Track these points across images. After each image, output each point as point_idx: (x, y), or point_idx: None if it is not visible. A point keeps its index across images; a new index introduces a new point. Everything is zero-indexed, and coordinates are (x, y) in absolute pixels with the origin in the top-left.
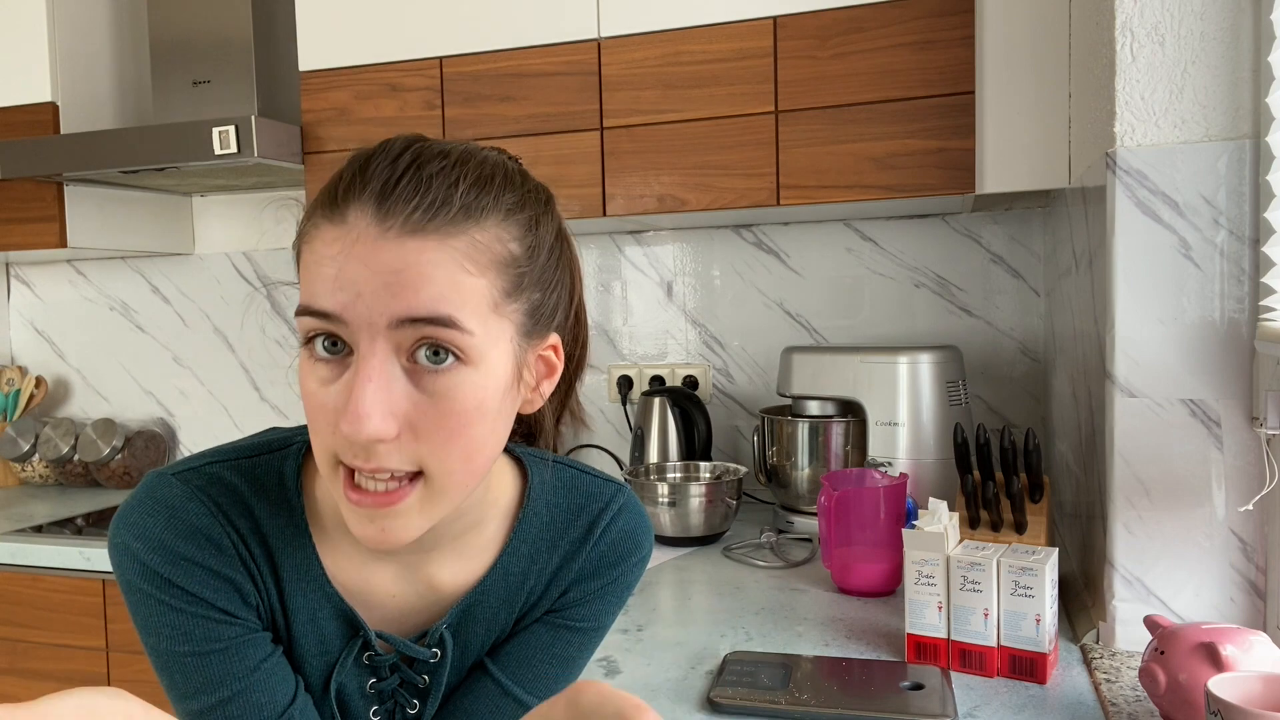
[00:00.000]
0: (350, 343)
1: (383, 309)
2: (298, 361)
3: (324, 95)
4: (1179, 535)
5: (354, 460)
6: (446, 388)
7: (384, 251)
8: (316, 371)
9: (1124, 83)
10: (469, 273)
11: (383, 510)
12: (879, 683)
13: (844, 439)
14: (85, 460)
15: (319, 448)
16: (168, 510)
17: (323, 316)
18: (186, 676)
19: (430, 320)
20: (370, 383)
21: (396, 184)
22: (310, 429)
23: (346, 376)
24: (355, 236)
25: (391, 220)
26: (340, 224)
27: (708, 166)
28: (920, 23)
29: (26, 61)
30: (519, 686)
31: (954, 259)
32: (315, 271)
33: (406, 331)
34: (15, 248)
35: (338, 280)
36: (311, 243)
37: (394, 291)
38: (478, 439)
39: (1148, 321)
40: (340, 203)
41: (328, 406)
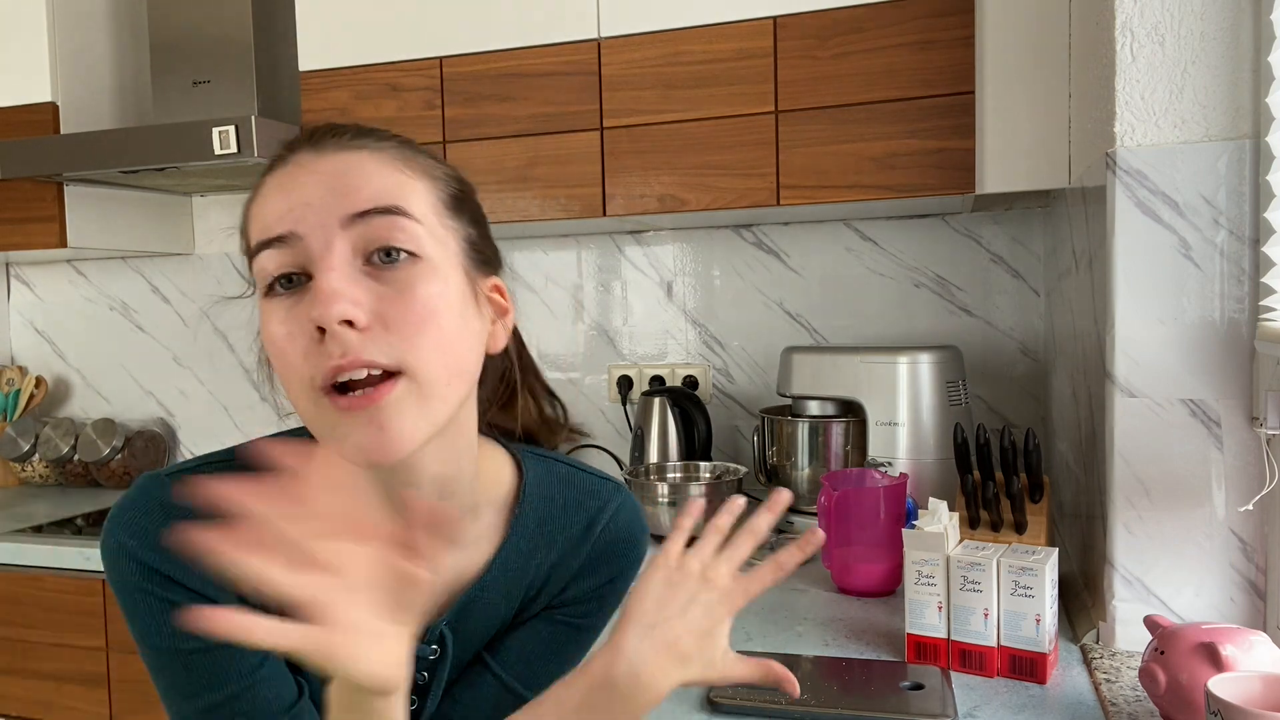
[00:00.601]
0: (306, 263)
1: (332, 209)
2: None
3: (324, 95)
4: (1179, 535)
5: (332, 362)
6: (406, 279)
7: (323, 162)
8: (278, 311)
9: (1124, 83)
10: (406, 174)
11: (377, 405)
12: (879, 683)
13: (844, 439)
14: (85, 460)
15: (296, 387)
16: (163, 508)
17: (277, 242)
18: (190, 674)
19: (379, 210)
20: (333, 271)
21: (332, 128)
22: (283, 374)
23: (308, 297)
24: (293, 167)
25: (326, 145)
26: (282, 167)
27: (708, 166)
28: (920, 23)
29: (26, 61)
30: (519, 682)
31: (954, 259)
32: (262, 207)
33: (359, 229)
34: (15, 248)
35: (286, 199)
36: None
37: (340, 192)
38: (448, 333)
39: (1148, 321)
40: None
41: (295, 335)
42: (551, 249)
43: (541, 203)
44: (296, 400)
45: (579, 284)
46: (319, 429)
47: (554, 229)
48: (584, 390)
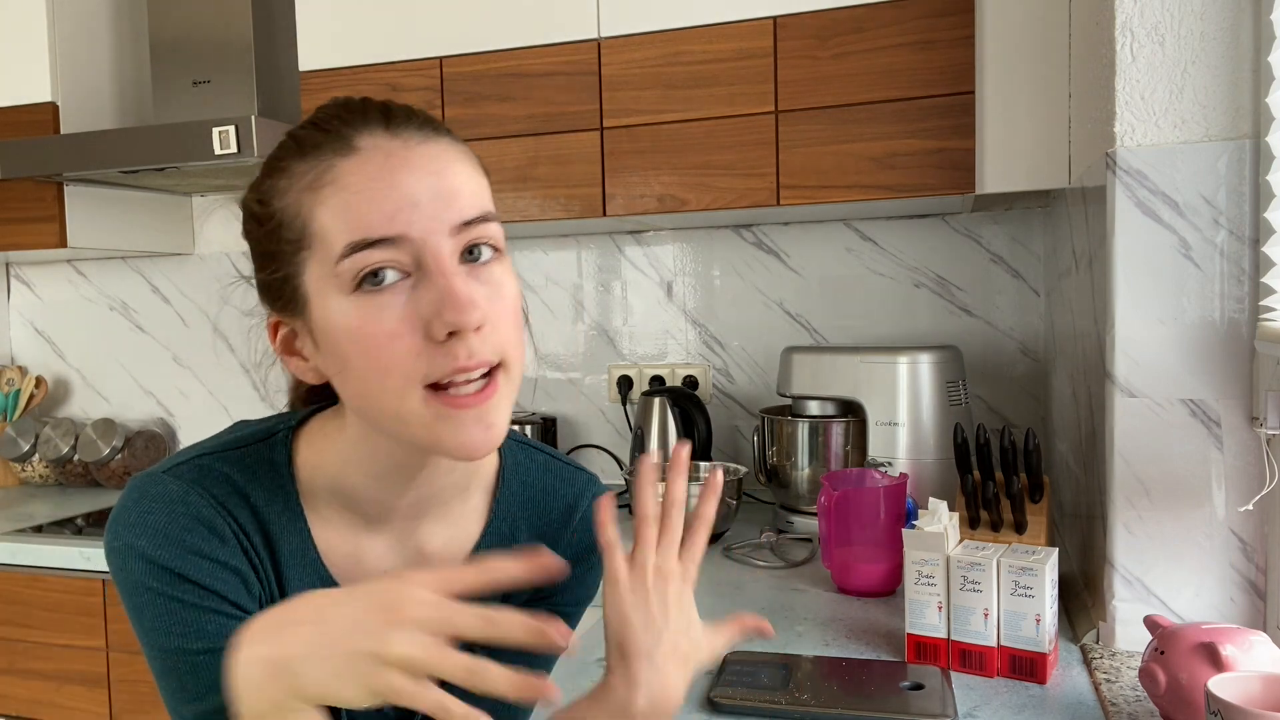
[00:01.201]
0: (410, 262)
1: (441, 215)
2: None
3: (324, 95)
4: (1179, 535)
5: (455, 363)
6: (498, 277)
7: (417, 158)
8: (369, 305)
9: (1124, 83)
10: (478, 171)
11: (486, 407)
12: (879, 683)
13: (844, 439)
14: (85, 460)
15: (394, 385)
16: (167, 504)
17: (384, 244)
18: (198, 676)
19: (480, 219)
20: (457, 276)
21: (386, 108)
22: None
23: (415, 296)
24: (382, 156)
25: (404, 134)
26: (356, 153)
27: (708, 166)
28: (920, 23)
29: (26, 61)
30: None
31: (954, 259)
32: (354, 202)
33: (460, 235)
34: (15, 248)
35: (390, 198)
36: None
37: (446, 198)
38: (522, 325)
39: (1148, 321)
40: (344, 136)
41: (401, 331)
42: (551, 249)
43: (541, 203)
44: (385, 397)
45: (579, 284)
46: (414, 429)
47: (554, 229)
48: (584, 390)
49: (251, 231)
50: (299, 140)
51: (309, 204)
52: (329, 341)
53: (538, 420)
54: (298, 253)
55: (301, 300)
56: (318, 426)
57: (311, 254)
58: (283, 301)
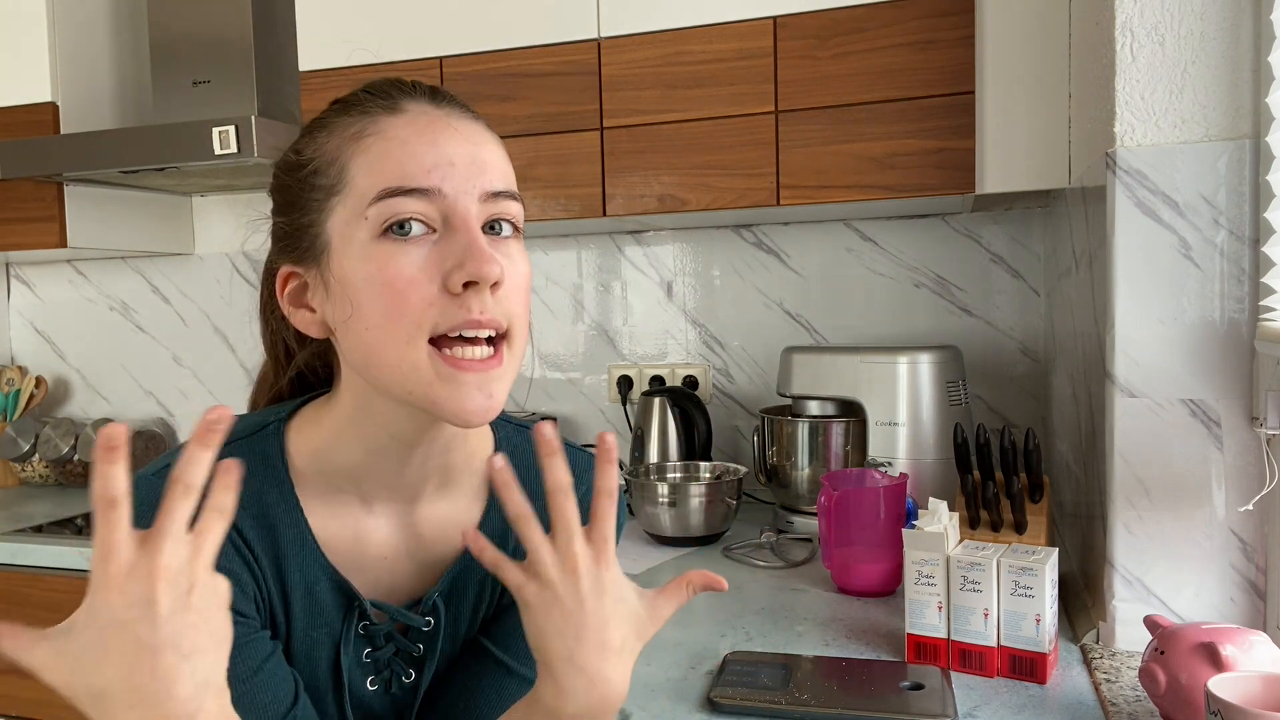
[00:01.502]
0: (438, 218)
1: (475, 179)
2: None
3: (324, 95)
4: (1179, 535)
5: (468, 315)
6: (514, 251)
7: (459, 126)
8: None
9: (1124, 83)
10: (508, 158)
11: (489, 374)
12: (879, 683)
13: (844, 439)
14: (85, 460)
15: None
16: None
17: (419, 193)
18: None
19: (506, 194)
20: (481, 235)
21: (433, 88)
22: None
23: (440, 248)
24: (427, 119)
25: (447, 108)
26: (403, 113)
27: (708, 166)
28: (920, 23)
29: (26, 61)
30: (512, 658)
31: (954, 259)
32: (397, 153)
33: (487, 205)
34: (15, 248)
35: (431, 153)
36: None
37: (480, 165)
38: (529, 309)
39: (1148, 321)
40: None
41: (419, 279)
42: (551, 249)
43: (541, 203)
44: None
45: (579, 284)
46: (417, 384)
47: (554, 229)
48: (584, 390)
49: (280, 181)
50: (345, 101)
51: (349, 151)
52: (343, 287)
53: (537, 419)
54: (328, 198)
55: (321, 246)
56: (309, 414)
57: (342, 199)
58: (301, 250)
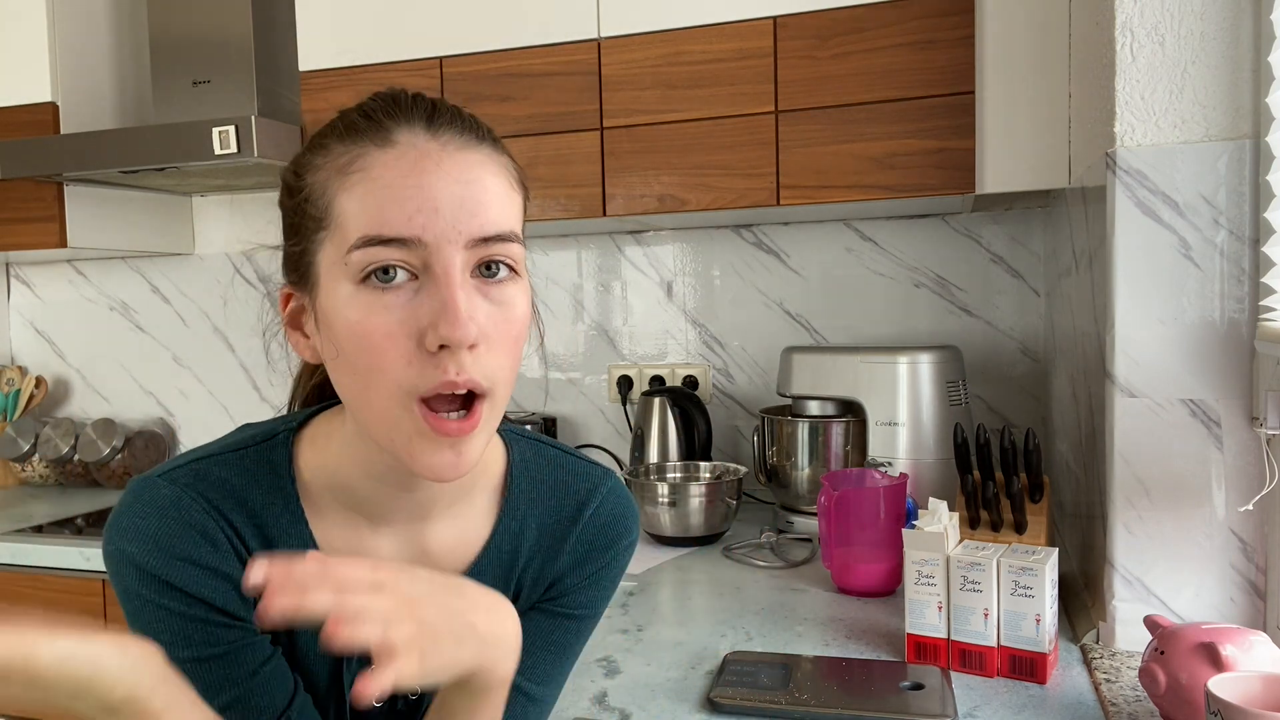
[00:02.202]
0: (420, 265)
1: (461, 226)
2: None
3: (324, 95)
4: (1179, 535)
5: (445, 377)
6: (508, 297)
7: (450, 164)
8: (377, 305)
9: (1124, 83)
10: (513, 189)
11: (464, 437)
12: (879, 683)
13: (844, 439)
14: (85, 460)
15: (385, 388)
16: (159, 510)
17: (397, 243)
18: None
19: (500, 238)
20: (462, 290)
21: (434, 109)
22: (368, 369)
23: (417, 301)
24: (416, 154)
25: (444, 137)
26: (392, 147)
27: (708, 166)
28: (920, 23)
29: (26, 61)
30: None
31: (954, 259)
32: (379, 196)
33: (478, 250)
34: (15, 248)
35: (414, 199)
36: (359, 171)
37: (469, 209)
38: (521, 349)
39: (1148, 321)
40: (385, 126)
41: (398, 335)
42: (551, 249)
43: (541, 203)
44: (375, 399)
45: (579, 284)
46: (393, 435)
47: (554, 229)
48: (584, 390)
49: (283, 201)
50: (344, 121)
51: (336, 186)
52: (329, 327)
53: (538, 420)
54: (318, 231)
55: (314, 278)
56: (320, 426)
57: (329, 236)
58: (298, 275)
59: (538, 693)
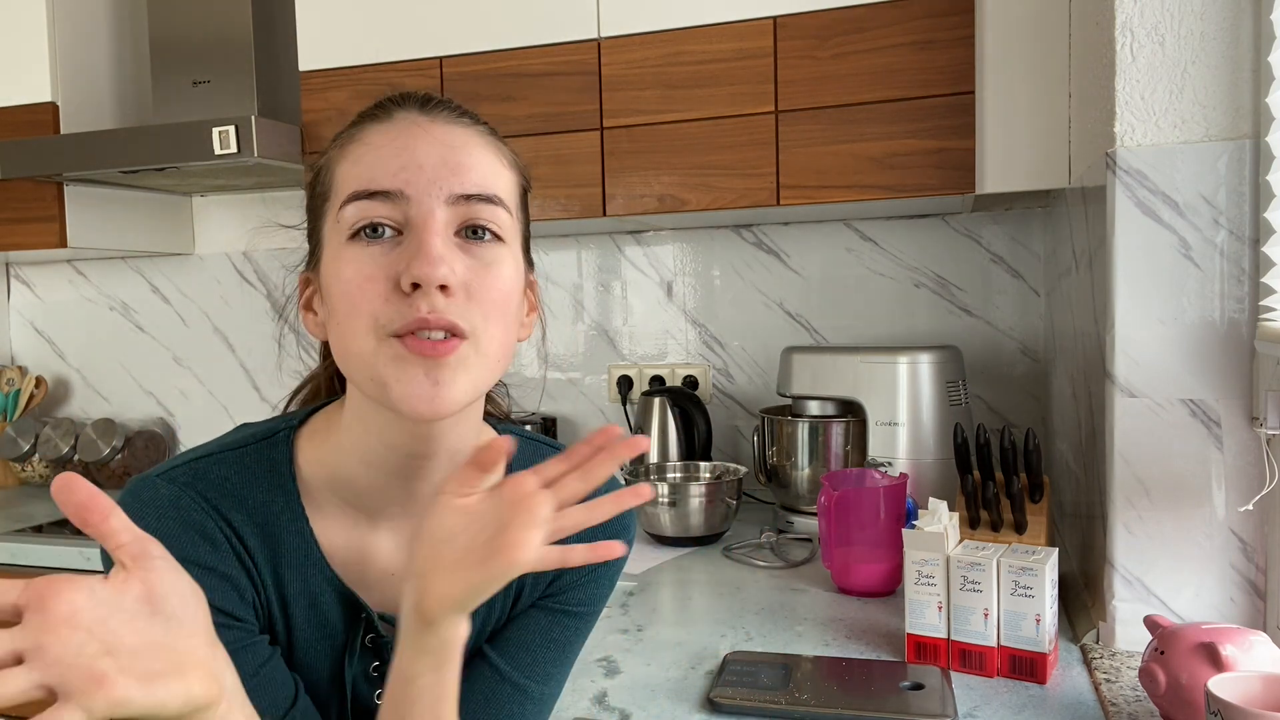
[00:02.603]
0: (404, 220)
1: (443, 183)
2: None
3: (324, 95)
4: (1179, 535)
5: (419, 314)
6: (491, 258)
7: (438, 130)
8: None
9: (1124, 83)
10: (503, 164)
11: (439, 361)
12: (879, 683)
13: (844, 439)
14: (85, 460)
15: (361, 327)
16: (157, 510)
17: (381, 195)
18: None
19: (482, 197)
20: (437, 236)
21: (431, 96)
22: (348, 313)
23: (399, 250)
24: (408, 124)
25: (437, 113)
26: (388, 121)
27: (708, 166)
28: (920, 23)
29: (26, 61)
30: (517, 671)
31: (954, 259)
32: (369, 157)
33: (460, 208)
34: (15, 248)
35: (399, 157)
36: (355, 144)
37: (451, 167)
38: (510, 313)
39: (1148, 321)
40: (385, 108)
41: (378, 278)
42: (551, 249)
43: (541, 203)
44: (353, 339)
45: (579, 284)
46: (373, 370)
47: (554, 229)
48: (584, 390)
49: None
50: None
51: (336, 158)
52: (326, 289)
53: (538, 420)
54: (323, 204)
55: (319, 252)
56: (319, 423)
57: (330, 204)
58: (312, 256)
59: (538, 690)
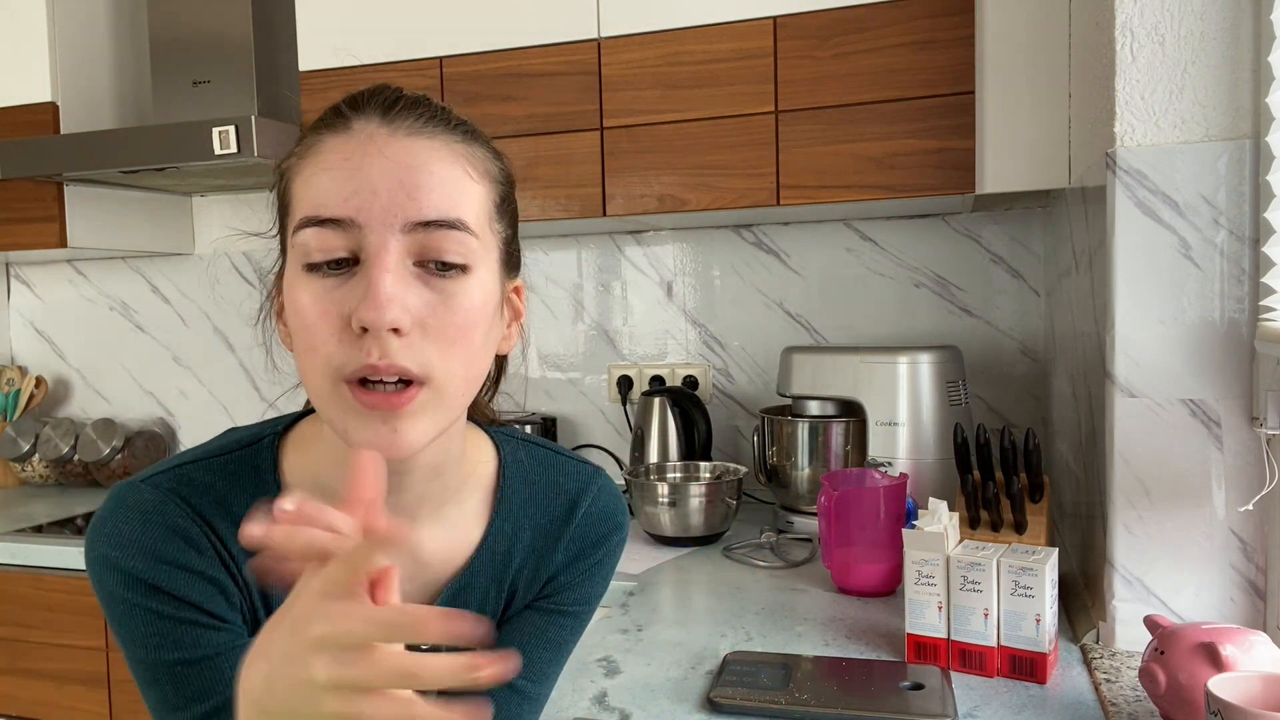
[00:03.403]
0: (358, 248)
1: (398, 210)
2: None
3: (324, 95)
4: (1179, 535)
5: (367, 360)
6: (454, 290)
7: (395, 148)
8: (314, 287)
9: (1124, 83)
10: (470, 177)
11: (395, 411)
12: (879, 683)
13: (844, 439)
14: (85, 460)
15: (317, 366)
16: (142, 515)
17: (333, 224)
18: (177, 686)
19: (442, 223)
20: (388, 273)
21: (398, 100)
22: (305, 349)
23: (351, 284)
24: (364, 138)
25: (399, 123)
26: (345, 132)
27: (708, 166)
28: (920, 23)
29: (26, 61)
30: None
31: (954, 259)
32: (321, 179)
33: (418, 235)
34: (15, 248)
35: (352, 181)
36: (312, 156)
37: (408, 191)
38: (475, 348)
39: (1148, 321)
40: (344, 115)
41: (331, 314)
42: (551, 249)
43: (541, 203)
44: (311, 377)
45: (579, 284)
46: (330, 412)
47: (554, 229)
48: (584, 390)
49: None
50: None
51: (293, 171)
52: (288, 312)
53: (538, 420)
54: (284, 217)
55: (284, 265)
56: (305, 428)
57: (289, 219)
58: (280, 265)
59: (534, 690)
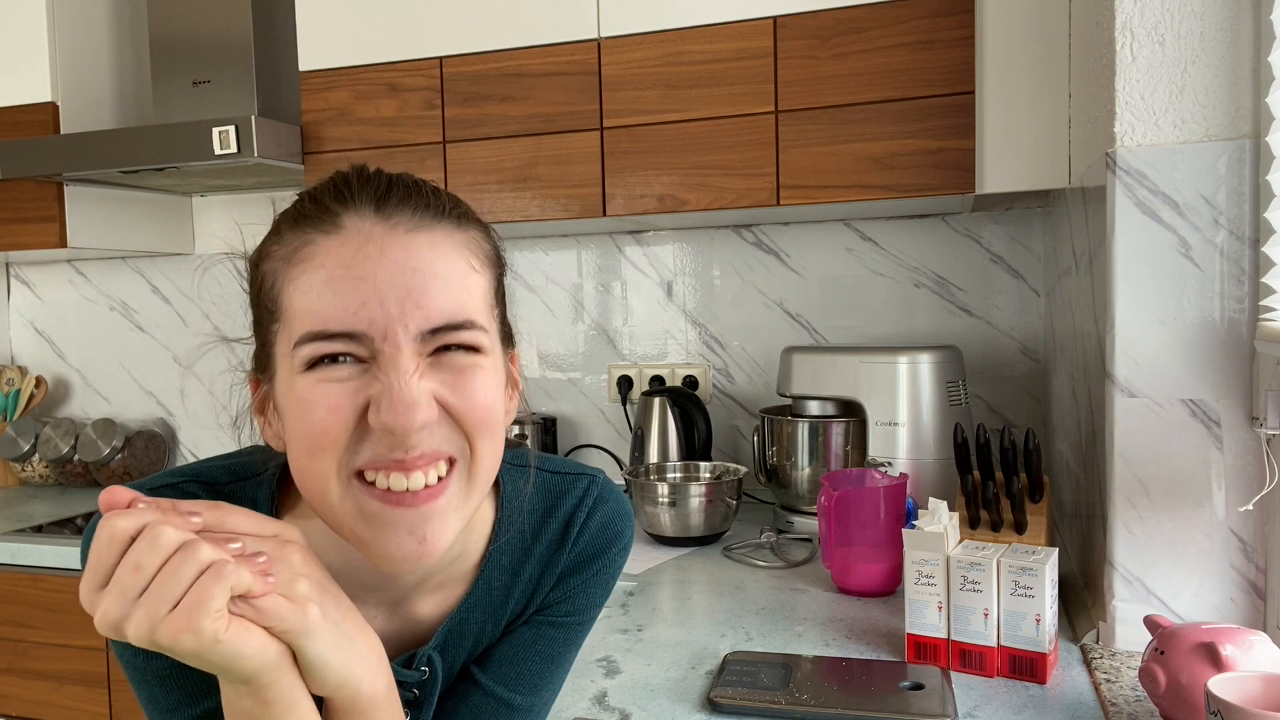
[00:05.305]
0: (369, 353)
1: (407, 319)
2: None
3: (324, 95)
4: (1179, 535)
5: (395, 455)
6: (466, 368)
7: (395, 249)
8: (322, 387)
9: (1124, 83)
10: (474, 269)
11: (425, 510)
12: (879, 683)
13: (844, 439)
14: (85, 460)
15: (329, 468)
16: None
17: (342, 338)
18: (167, 690)
19: (453, 327)
20: (410, 374)
21: (389, 188)
22: (311, 449)
23: (364, 377)
24: (362, 239)
25: (396, 218)
26: (337, 233)
27: (708, 166)
28: (920, 23)
29: (26, 61)
30: (501, 685)
31: (954, 259)
32: (322, 290)
33: (430, 340)
34: (15, 248)
35: (357, 293)
36: (303, 261)
37: (416, 299)
38: (499, 426)
39: (1148, 321)
40: (332, 211)
41: (342, 408)
42: (551, 249)
43: (541, 203)
44: (315, 480)
45: (579, 284)
46: (341, 522)
47: (554, 229)
48: (584, 390)
49: (250, 289)
50: (300, 204)
51: (284, 278)
52: (282, 412)
53: (538, 420)
54: (272, 323)
55: (273, 367)
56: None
57: (281, 327)
58: (261, 363)
59: (524, 702)
